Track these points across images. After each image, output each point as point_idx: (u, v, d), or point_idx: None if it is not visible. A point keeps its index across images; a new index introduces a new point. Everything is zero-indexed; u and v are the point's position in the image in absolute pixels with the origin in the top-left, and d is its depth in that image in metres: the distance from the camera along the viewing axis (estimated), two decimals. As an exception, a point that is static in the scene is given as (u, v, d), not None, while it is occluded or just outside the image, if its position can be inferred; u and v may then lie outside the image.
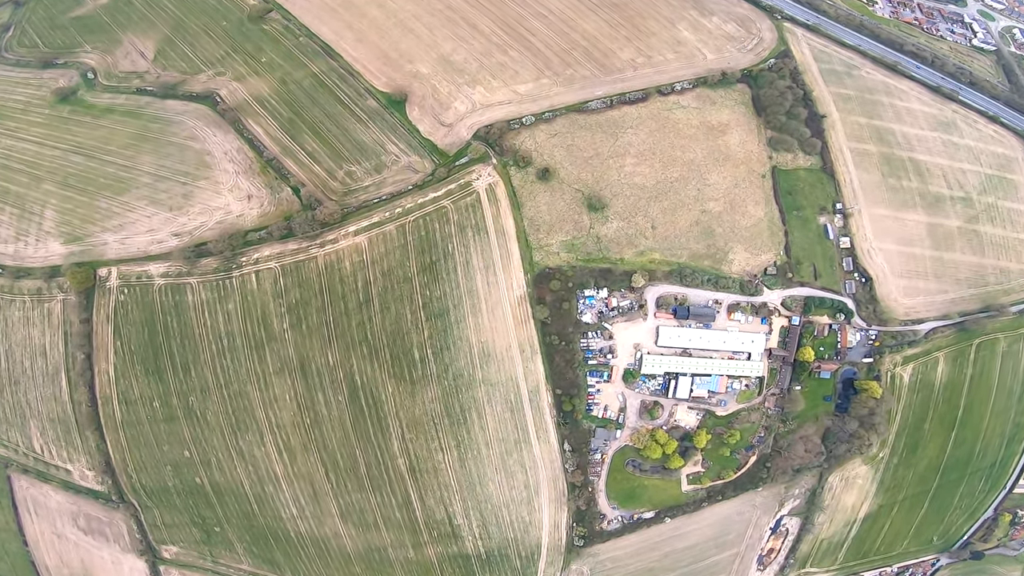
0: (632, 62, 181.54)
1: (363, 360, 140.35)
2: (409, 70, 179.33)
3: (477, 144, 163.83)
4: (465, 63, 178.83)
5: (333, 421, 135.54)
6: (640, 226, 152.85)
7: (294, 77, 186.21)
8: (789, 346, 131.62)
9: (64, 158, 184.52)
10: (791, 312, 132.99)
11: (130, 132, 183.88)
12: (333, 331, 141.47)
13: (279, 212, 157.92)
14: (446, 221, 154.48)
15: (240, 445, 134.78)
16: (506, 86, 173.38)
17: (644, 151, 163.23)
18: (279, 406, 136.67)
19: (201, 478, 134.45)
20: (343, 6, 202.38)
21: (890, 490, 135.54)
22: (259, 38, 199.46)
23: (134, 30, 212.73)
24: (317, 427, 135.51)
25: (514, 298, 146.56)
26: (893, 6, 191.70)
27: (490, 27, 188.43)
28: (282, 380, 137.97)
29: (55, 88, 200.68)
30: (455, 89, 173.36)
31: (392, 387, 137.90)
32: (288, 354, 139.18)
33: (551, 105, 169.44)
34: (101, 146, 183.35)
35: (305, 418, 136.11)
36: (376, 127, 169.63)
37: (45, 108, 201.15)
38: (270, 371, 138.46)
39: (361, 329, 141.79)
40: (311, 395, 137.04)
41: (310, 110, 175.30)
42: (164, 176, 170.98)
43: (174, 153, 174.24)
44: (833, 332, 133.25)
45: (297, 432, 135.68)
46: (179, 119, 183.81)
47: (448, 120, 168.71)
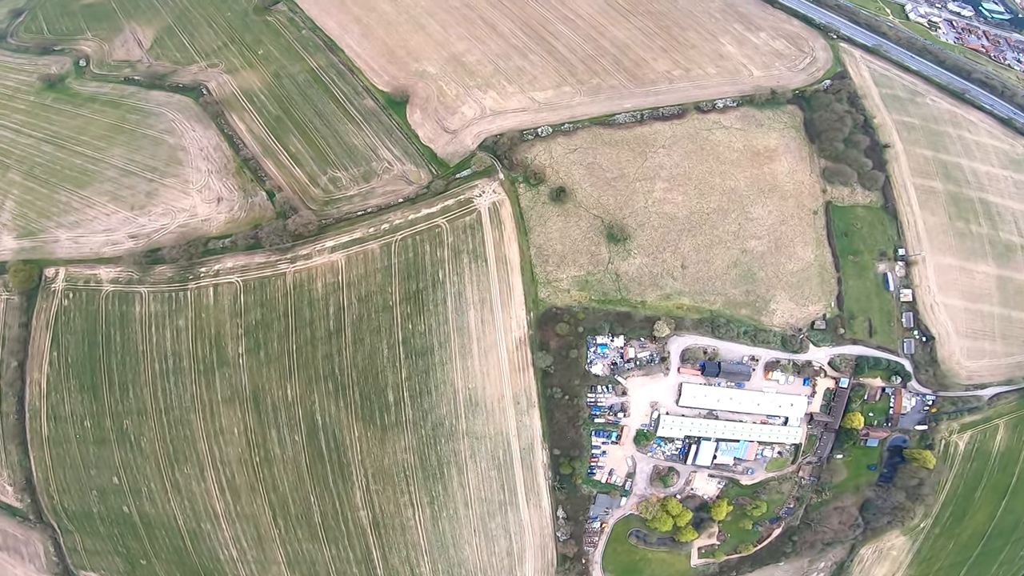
0: (667, 74, 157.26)
1: (327, 397, 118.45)
2: (415, 69, 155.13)
3: (483, 155, 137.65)
4: (478, 64, 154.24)
5: (286, 462, 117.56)
6: (668, 264, 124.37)
7: (289, 71, 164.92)
8: (835, 411, 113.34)
9: (36, 147, 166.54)
10: (840, 373, 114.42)
11: (107, 122, 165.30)
12: (296, 361, 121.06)
13: (249, 219, 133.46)
14: (439, 243, 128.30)
15: (176, 477, 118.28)
16: (522, 92, 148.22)
17: (677, 175, 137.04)
18: (225, 440, 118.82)
19: (129, 507, 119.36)
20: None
21: (926, 560, 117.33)
22: (260, 30, 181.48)
23: (138, 18, 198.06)
24: (267, 466, 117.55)
25: (512, 340, 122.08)
26: (957, 32, 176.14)
27: (510, 28, 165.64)
28: (231, 411, 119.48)
29: (43, 74, 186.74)
30: (464, 92, 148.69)
31: (359, 431, 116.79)
32: (241, 383, 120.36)
33: (572, 116, 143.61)
34: (74, 136, 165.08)
35: (254, 455, 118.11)
36: (370, 130, 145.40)
37: (31, 95, 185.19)
38: (218, 400, 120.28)
39: (328, 362, 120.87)
40: (263, 431, 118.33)
41: (301, 107, 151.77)
42: (132, 171, 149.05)
43: (146, 147, 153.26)
44: (886, 396, 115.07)
45: (244, 470, 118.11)
46: (159, 111, 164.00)
47: (452, 126, 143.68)
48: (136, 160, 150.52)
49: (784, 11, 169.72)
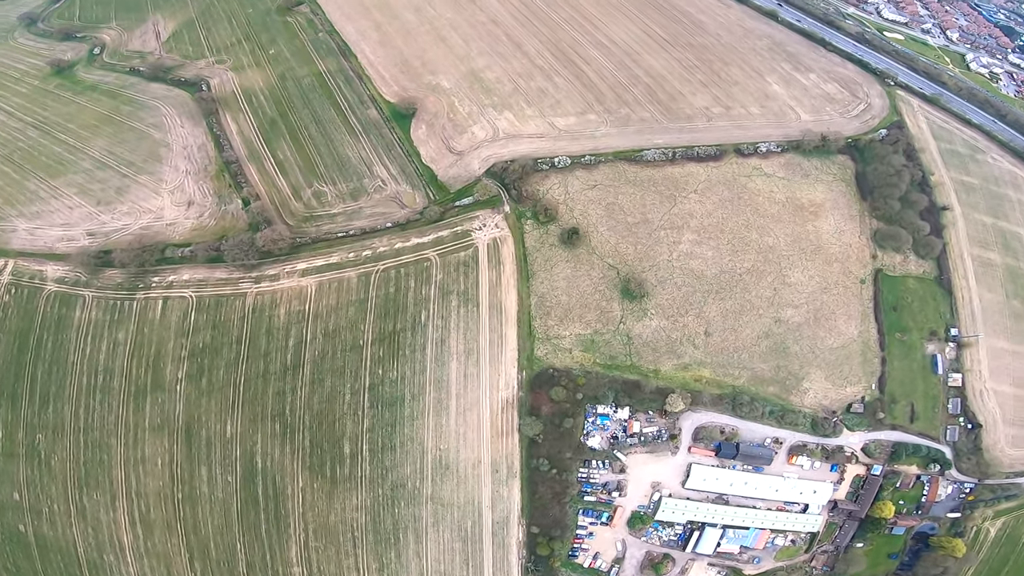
0: (706, 111, 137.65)
1: (272, 439, 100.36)
2: (428, 82, 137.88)
3: (489, 182, 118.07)
4: (497, 83, 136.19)
5: (214, 503, 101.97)
6: (690, 330, 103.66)
7: (296, 74, 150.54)
8: (863, 500, 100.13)
9: (22, 131, 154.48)
10: (873, 460, 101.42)
11: (98, 112, 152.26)
12: (241, 394, 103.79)
13: (218, 228, 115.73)
14: (426, 279, 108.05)
15: (83, 502, 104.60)
16: (542, 116, 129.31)
17: (708, 226, 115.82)
18: (145, 470, 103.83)
19: (25, 526, 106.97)
20: (378, 6, 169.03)
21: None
22: (278, 29, 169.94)
23: (164, 10, 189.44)
24: (190, 505, 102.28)
25: (498, 401, 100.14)
26: (1018, 85, 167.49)
27: (537, 48, 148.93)
28: (158, 440, 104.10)
29: (54, 60, 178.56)
30: (478, 110, 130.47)
31: (305, 480, 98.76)
32: (174, 411, 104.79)
33: (595, 148, 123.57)
34: (62, 123, 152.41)
35: (177, 491, 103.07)
36: (368, 142, 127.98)
37: (36, 79, 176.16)
38: (145, 426, 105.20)
39: (279, 400, 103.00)
40: (192, 466, 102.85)
41: (299, 112, 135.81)
42: (108, 164, 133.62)
43: (130, 140, 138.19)
44: (920, 484, 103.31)
45: (162, 505, 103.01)
46: (153, 104, 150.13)
47: (459, 146, 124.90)
48: (115, 153, 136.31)
49: (838, 54, 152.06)
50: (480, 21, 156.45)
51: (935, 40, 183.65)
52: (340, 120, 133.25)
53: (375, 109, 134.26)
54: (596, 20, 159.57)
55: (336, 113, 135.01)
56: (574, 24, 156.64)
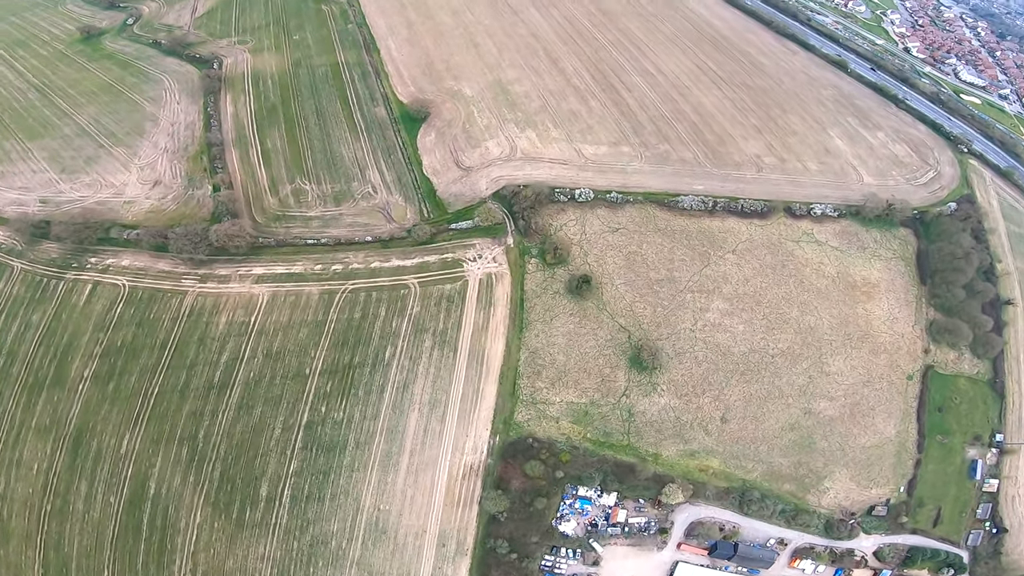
0: (757, 159, 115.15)
1: (175, 464, 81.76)
2: (449, 87, 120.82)
3: (494, 207, 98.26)
4: (525, 97, 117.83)
5: (87, 523, 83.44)
6: (704, 413, 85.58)
7: (313, 62, 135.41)
8: None
9: (24, 92, 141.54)
10: (884, 564, 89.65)
11: (104, 80, 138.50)
12: (150, 408, 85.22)
13: (176, 213, 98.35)
14: (400, 310, 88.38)
15: None
16: (569, 141, 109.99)
17: (744, 295, 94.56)
18: (18, 473, 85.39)
19: None
20: (415, 4, 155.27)
21: None
22: (309, 16, 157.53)
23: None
24: (58, 520, 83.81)
25: (460, 465, 79.84)
26: None
27: (575, 67, 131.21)
28: (41, 443, 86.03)
29: (85, 26, 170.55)
30: (497, 124, 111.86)
31: (204, 517, 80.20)
32: (69, 413, 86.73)
33: (624, 185, 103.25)
34: (64, 88, 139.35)
35: (47, 502, 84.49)
36: (367, 142, 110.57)
37: (62, 44, 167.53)
38: (31, 424, 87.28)
39: (194, 422, 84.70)
40: (72, 478, 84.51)
41: (303, 101, 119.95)
42: (89, 132, 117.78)
43: (121, 111, 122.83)
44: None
45: (25, 513, 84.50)
46: (160, 78, 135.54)
47: (469, 161, 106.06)
48: (101, 122, 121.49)
49: (910, 113, 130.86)
50: (519, 32, 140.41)
51: (1012, 108, 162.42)
52: (344, 115, 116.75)
53: (384, 108, 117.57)
54: (645, 47, 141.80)
55: (342, 106, 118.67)
56: (620, 48, 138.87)
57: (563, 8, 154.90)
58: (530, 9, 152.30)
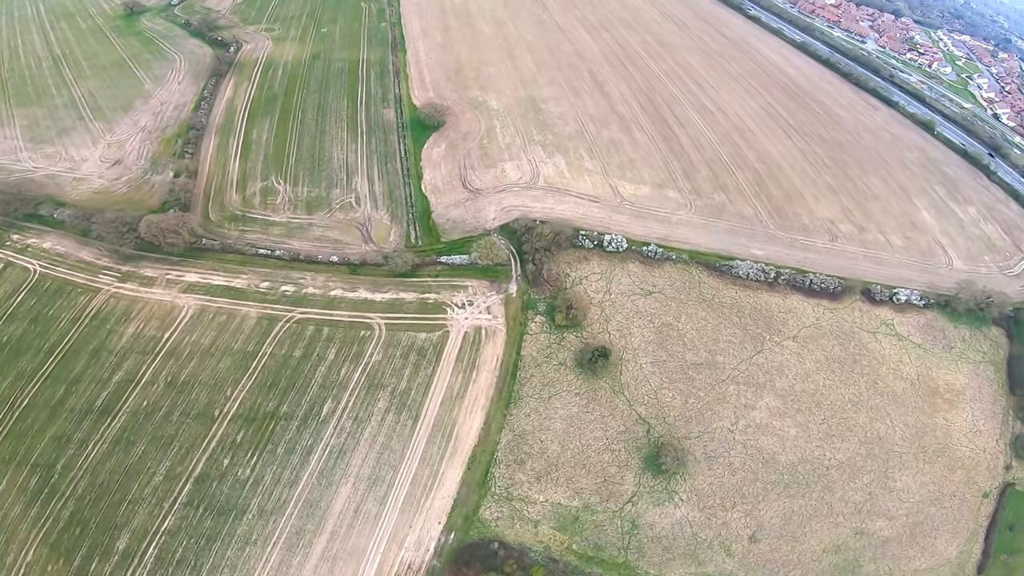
0: (831, 225, 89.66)
1: (18, 492, 62.34)
2: (473, 96, 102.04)
3: (500, 242, 76.63)
4: (559, 119, 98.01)
5: None
6: (730, 530, 62.72)
7: (333, 56, 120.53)
8: None
9: (41, 61, 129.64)
10: None
11: (118, 56, 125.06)
12: (12, 422, 66.51)
13: (123, 198, 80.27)
14: (355, 356, 66.84)
15: None
16: (605, 175, 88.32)
17: (801, 392, 70.45)
18: None
19: None
20: (458, 11, 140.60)
21: None
22: (345, 11, 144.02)
23: None
24: None
25: (394, 562, 55.11)
26: None
27: (622, 93, 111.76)
28: None
29: (129, 3, 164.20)
30: (522, 144, 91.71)
31: (38, 556, 59.64)
32: None
33: (666, 237, 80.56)
34: (79, 60, 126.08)
35: None
36: (365, 145, 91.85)
37: (102, 19, 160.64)
38: None
39: (57, 447, 65.34)
40: None
41: (308, 94, 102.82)
42: (77, 104, 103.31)
43: (120, 87, 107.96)
44: None
45: None
46: (173, 57, 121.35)
47: (479, 182, 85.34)
48: (95, 95, 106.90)
49: (1001, 187, 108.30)
50: (563, 51, 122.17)
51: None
52: (348, 113, 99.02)
53: (395, 110, 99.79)
54: (705, 83, 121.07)
55: (348, 104, 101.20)
56: (676, 80, 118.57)
57: (616, 34, 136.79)
58: (579, 29, 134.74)
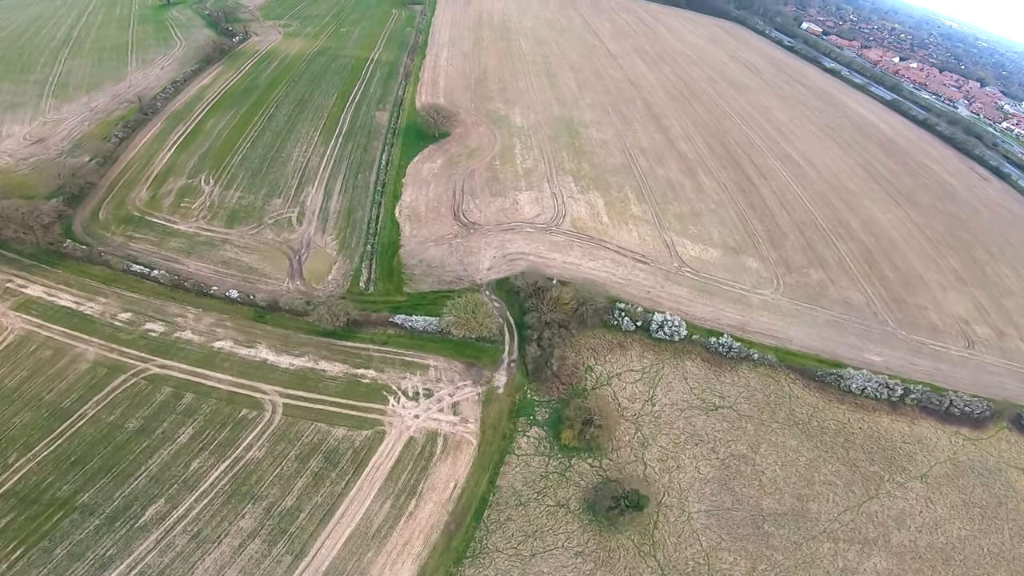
0: (965, 327, 59.61)
1: None
2: (493, 108, 78.56)
3: (491, 303, 49.68)
4: (601, 146, 72.44)
5: None
6: None
7: (341, 53, 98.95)
8: None
9: (53, 40, 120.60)
10: None
11: (123, 41, 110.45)
12: None
13: (17, 181, 56.78)
14: (222, 445, 38.01)
15: None
16: (658, 226, 61.43)
17: (924, 549, 40.31)
18: None
19: None
20: (496, 25, 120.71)
21: None
22: (373, 14, 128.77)
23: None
24: None
25: None
26: None
27: (685, 128, 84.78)
28: None
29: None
30: (546, 172, 66.11)
31: None
32: None
33: (744, 325, 51.84)
34: (84, 43, 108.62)
35: None
36: (336, 150, 67.85)
37: (139, 6, 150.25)
38: None
39: None
40: None
41: (295, 87, 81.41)
42: (48, 81, 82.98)
43: (101, 68, 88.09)
44: None
45: None
46: (175, 43, 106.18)
47: (477, 213, 59.29)
48: (74, 75, 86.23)
49: None
50: (612, 75, 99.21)
51: None
52: (331, 111, 76.07)
53: (391, 113, 77.74)
54: (787, 130, 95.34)
55: (337, 100, 78.81)
56: (751, 122, 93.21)
57: (677, 67, 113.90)
58: (632, 57, 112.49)
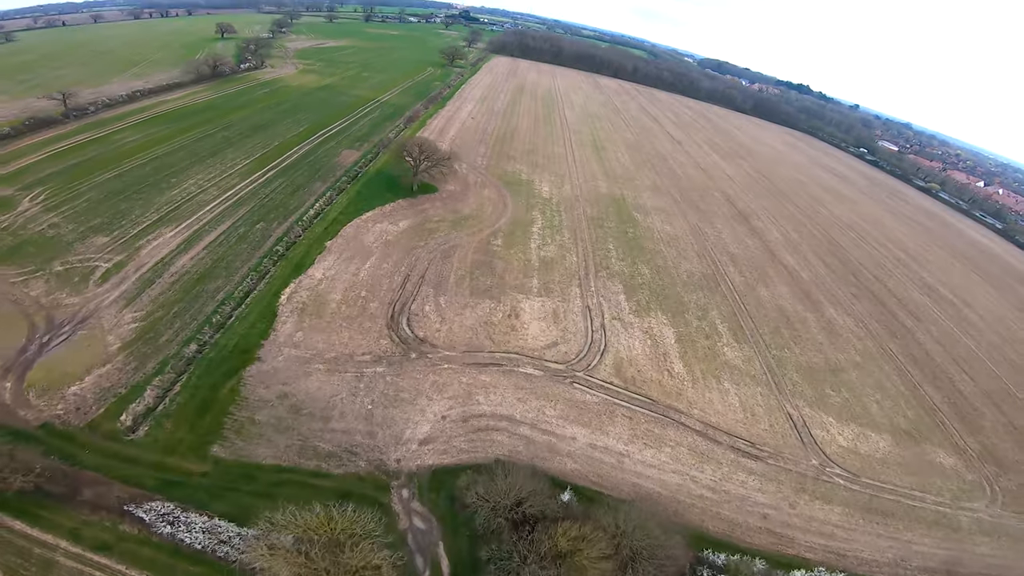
0: None
1: None
2: (512, 171, 53.29)
3: (398, 520, 16.66)
4: (670, 247, 44.39)
5: None
6: None
7: (344, 91, 77.79)
8: None
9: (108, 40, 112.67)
10: None
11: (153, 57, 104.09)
12: None
13: None
14: None
15: None
16: (773, 388, 29.97)
17: None
18: None
19: None
20: (536, 93, 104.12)
21: None
22: (405, 68, 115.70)
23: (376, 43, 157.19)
24: None
25: None
26: None
27: (787, 236, 53.83)
28: None
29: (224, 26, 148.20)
30: (580, 269, 37.82)
31: None
32: None
33: (954, 566, 23.43)
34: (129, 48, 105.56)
35: None
36: (245, 190, 41.25)
37: (197, 37, 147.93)
38: None
39: None
40: None
41: (259, 113, 59.19)
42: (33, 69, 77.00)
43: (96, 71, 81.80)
44: None
45: None
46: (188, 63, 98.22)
47: (435, 327, 29.74)
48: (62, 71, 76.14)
49: None
50: (678, 160, 75.36)
51: None
52: (287, 141, 51.99)
53: (364, 154, 52.94)
54: (914, 252, 65.92)
55: (304, 132, 55.76)
56: (867, 237, 66.02)
57: (758, 163, 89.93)
58: (701, 146, 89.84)
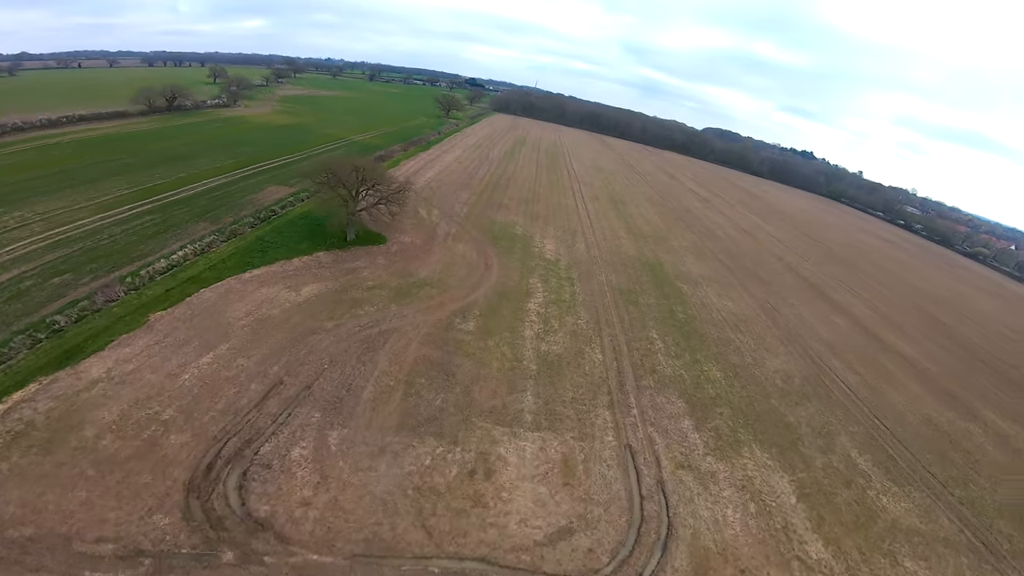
0: None
1: None
2: (503, 221, 34.98)
3: None
4: (741, 333, 27.91)
5: None
6: None
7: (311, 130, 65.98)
8: None
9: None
10: None
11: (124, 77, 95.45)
12: None
13: None
14: None
15: None
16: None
17: None
18: None
19: None
20: (544, 147, 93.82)
21: None
22: (394, 115, 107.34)
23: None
24: None
25: None
26: None
27: (889, 309, 44.21)
28: None
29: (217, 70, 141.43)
30: (608, 376, 20.76)
31: None
32: None
33: None
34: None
35: None
36: (83, 241, 25.28)
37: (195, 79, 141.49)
38: None
39: None
40: None
41: (195, 147, 45.04)
42: None
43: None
44: None
45: None
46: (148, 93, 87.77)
47: (303, 495, 10.98)
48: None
49: None
50: (713, 220, 60.50)
51: None
52: (192, 174, 37.46)
53: (296, 192, 38.70)
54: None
55: (228, 165, 42.14)
56: (970, 314, 51.03)
57: (800, 226, 76.14)
58: (734, 206, 76.41)
